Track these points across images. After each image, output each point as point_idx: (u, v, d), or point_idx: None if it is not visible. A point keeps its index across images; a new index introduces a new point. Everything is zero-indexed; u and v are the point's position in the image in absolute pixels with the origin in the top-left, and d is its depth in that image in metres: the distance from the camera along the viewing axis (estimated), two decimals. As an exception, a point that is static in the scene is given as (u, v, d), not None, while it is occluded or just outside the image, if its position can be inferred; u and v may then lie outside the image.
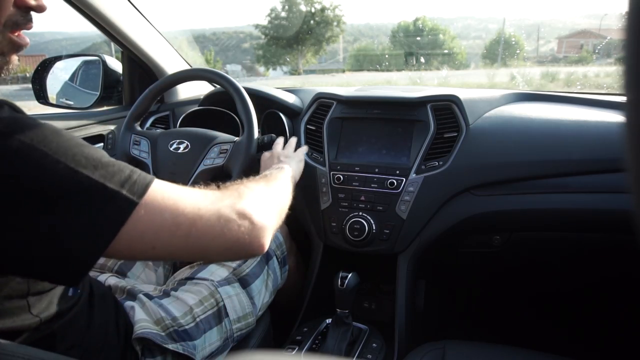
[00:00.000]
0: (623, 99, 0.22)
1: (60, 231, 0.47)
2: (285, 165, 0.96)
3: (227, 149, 1.04)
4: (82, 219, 0.47)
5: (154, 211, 0.52)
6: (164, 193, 0.54)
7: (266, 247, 0.61)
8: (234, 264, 0.97)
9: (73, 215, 0.47)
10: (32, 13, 0.58)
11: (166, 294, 0.87)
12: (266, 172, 0.89)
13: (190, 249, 0.56)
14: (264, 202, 0.67)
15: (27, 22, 0.58)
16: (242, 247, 0.58)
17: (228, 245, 0.57)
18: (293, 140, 1.12)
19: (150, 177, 0.54)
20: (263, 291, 1.00)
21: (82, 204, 0.47)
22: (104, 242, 0.49)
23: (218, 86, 1.28)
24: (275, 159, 1.02)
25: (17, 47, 0.58)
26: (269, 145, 1.07)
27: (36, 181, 0.45)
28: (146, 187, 0.52)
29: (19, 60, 0.60)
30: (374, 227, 1.08)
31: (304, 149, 1.16)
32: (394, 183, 1.08)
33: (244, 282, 0.95)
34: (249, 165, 1.01)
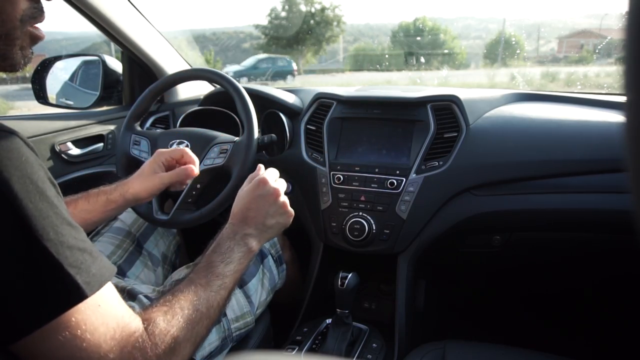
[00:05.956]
0: (623, 99, 0.22)
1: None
2: (255, 244, 0.76)
3: (227, 149, 1.04)
4: (28, 290, 0.43)
5: (82, 323, 0.46)
6: (104, 303, 0.49)
7: None
8: None
9: (15, 284, 0.43)
10: (43, 3, 0.57)
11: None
12: (227, 251, 0.72)
13: None
14: (180, 353, 0.57)
15: (41, 14, 0.57)
16: None
17: None
18: (282, 188, 0.83)
19: (103, 277, 0.49)
20: (259, 290, 1.00)
21: (33, 276, 0.44)
22: (32, 323, 0.44)
23: (218, 86, 1.28)
24: (258, 213, 0.78)
25: (35, 39, 0.58)
26: (269, 145, 1.06)
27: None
28: (100, 284, 0.48)
29: (32, 53, 0.59)
30: (374, 227, 1.07)
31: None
32: (394, 183, 1.08)
33: (240, 282, 0.95)
34: (249, 165, 1.01)
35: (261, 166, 0.89)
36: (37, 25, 0.57)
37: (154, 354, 0.53)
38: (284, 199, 0.82)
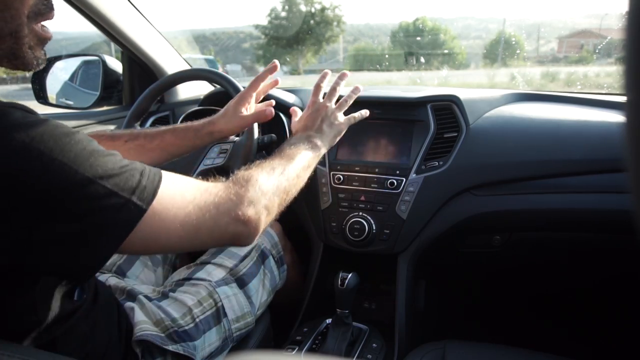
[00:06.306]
0: (623, 99, 0.22)
1: (70, 236, 0.48)
2: (319, 141, 0.89)
3: (227, 149, 1.04)
4: (93, 226, 0.49)
5: (161, 216, 0.55)
6: (172, 198, 0.56)
7: (256, 240, 0.68)
8: (230, 264, 0.97)
9: (84, 222, 0.49)
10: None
11: (164, 295, 0.87)
12: (293, 143, 0.84)
13: (192, 247, 0.64)
14: (267, 199, 0.67)
15: (49, 10, 0.58)
16: (234, 243, 0.66)
17: (223, 242, 0.67)
18: (349, 100, 0.99)
19: (158, 179, 0.56)
20: (260, 290, 1.00)
21: (95, 212, 0.49)
22: (112, 248, 0.51)
23: (218, 86, 1.28)
24: (315, 123, 0.93)
25: (43, 40, 0.59)
26: (269, 145, 1.06)
27: (54, 190, 0.47)
28: (154, 192, 0.54)
29: (45, 54, 0.60)
30: (374, 227, 1.08)
31: (360, 115, 1.01)
32: (394, 183, 1.08)
33: (241, 282, 0.95)
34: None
35: (318, 89, 0.98)
36: (45, 25, 0.58)
37: (245, 193, 0.64)
38: (332, 110, 0.95)
